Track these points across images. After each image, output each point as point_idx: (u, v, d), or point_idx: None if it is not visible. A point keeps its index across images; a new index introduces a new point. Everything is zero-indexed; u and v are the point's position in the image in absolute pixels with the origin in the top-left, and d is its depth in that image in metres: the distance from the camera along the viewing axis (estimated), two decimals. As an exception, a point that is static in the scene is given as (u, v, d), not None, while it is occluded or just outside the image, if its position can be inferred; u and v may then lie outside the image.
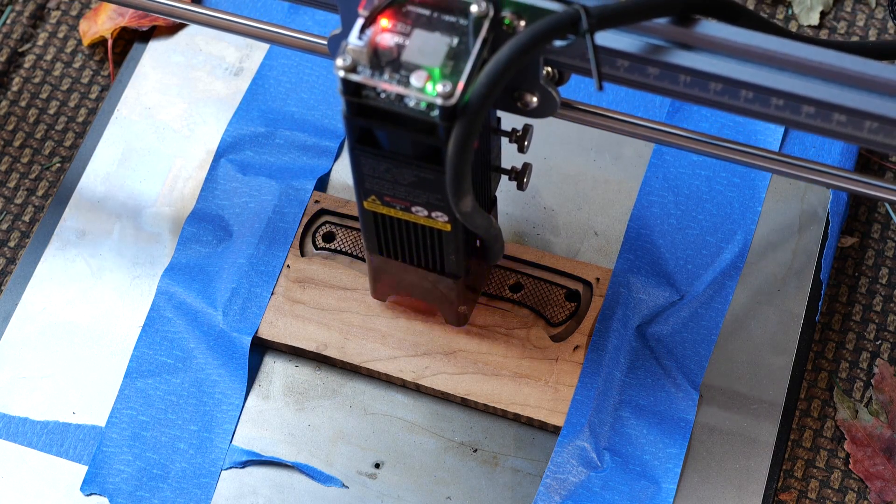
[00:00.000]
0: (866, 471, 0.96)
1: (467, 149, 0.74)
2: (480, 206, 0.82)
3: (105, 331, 0.99)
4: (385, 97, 0.75)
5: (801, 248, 1.00)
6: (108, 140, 1.05)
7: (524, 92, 0.81)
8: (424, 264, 0.90)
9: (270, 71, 1.07)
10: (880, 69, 0.73)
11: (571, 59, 0.78)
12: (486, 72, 0.72)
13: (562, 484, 0.92)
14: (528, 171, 0.89)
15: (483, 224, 0.82)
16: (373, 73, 0.75)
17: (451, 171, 0.75)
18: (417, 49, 0.75)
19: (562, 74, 0.82)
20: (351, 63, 0.74)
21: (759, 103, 0.76)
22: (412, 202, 0.83)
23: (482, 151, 0.84)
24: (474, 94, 0.73)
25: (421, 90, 0.74)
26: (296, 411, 0.96)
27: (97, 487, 0.93)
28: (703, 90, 0.76)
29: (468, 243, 0.89)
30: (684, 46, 0.76)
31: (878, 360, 1.00)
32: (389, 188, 0.82)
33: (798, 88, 0.74)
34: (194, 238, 1.01)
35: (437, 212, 0.83)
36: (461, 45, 0.75)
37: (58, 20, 1.14)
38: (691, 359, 0.97)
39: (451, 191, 0.76)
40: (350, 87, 0.75)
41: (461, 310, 0.94)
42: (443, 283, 0.91)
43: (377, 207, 0.85)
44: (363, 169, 0.81)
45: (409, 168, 0.80)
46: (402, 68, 0.75)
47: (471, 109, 0.73)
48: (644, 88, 0.78)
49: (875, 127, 0.74)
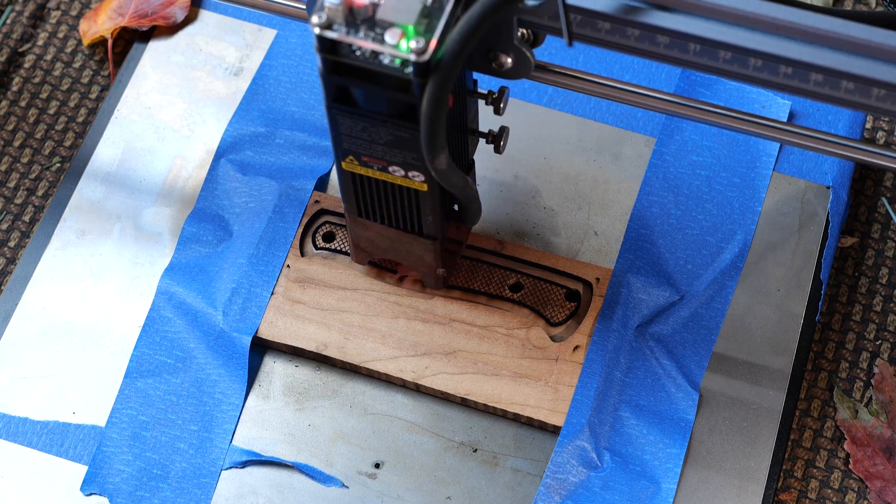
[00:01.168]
0: (866, 471, 0.96)
1: (441, 105, 0.75)
2: (459, 169, 0.83)
3: (105, 331, 0.99)
4: (360, 54, 0.76)
5: (801, 248, 1.00)
6: (108, 140, 1.05)
7: (499, 53, 0.82)
8: (402, 225, 0.90)
9: (270, 71, 1.07)
10: (888, 37, 0.73)
11: (546, 19, 0.79)
12: (458, 28, 0.74)
13: (562, 484, 0.92)
14: (504, 134, 0.90)
15: (459, 183, 0.83)
16: (348, 30, 0.76)
17: (425, 128, 0.76)
18: (392, 7, 0.76)
19: (536, 36, 0.83)
20: (326, 20, 0.76)
21: (768, 71, 0.76)
22: (389, 162, 0.84)
23: (458, 112, 0.85)
24: (447, 50, 0.74)
25: (395, 47, 0.75)
26: (296, 411, 0.96)
27: (97, 487, 0.93)
28: (712, 58, 0.77)
29: (445, 204, 0.89)
30: (691, 14, 0.76)
31: (878, 360, 1.00)
32: (366, 147, 0.83)
33: (806, 56, 0.75)
34: (194, 238, 1.01)
35: (414, 171, 0.84)
36: (435, 4, 0.76)
37: (58, 20, 1.14)
38: (691, 359, 0.96)
39: (426, 147, 0.77)
40: (326, 44, 0.77)
41: (440, 272, 0.95)
42: (421, 244, 0.91)
43: (355, 168, 0.86)
44: (340, 128, 0.83)
45: (385, 126, 0.81)
46: (377, 26, 0.76)
47: (444, 65, 0.74)
48: (654, 58, 0.78)
49: (883, 94, 0.75)
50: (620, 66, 1.06)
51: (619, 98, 0.85)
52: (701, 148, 1.03)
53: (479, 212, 0.91)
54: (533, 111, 1.05)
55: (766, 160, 1.02)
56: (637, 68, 1.06)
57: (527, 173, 1.03)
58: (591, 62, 1.06)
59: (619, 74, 1.06)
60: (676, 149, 1.03)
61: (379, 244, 0.94)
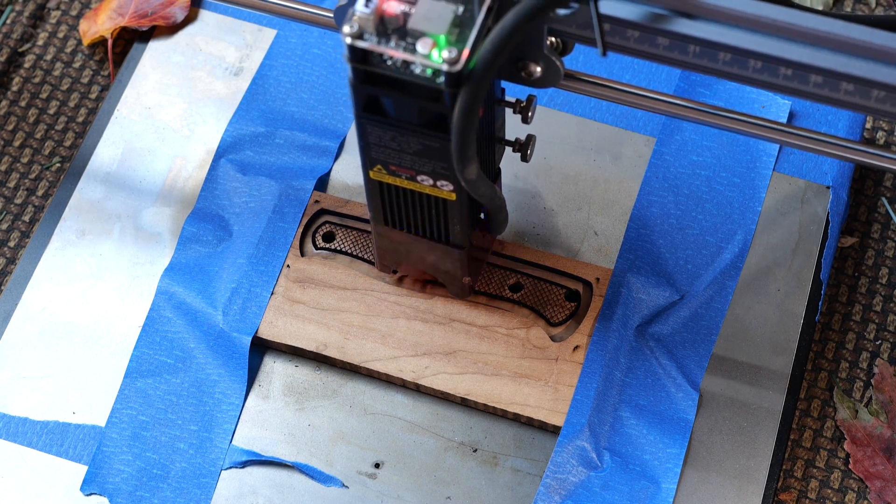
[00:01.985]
0: (866, 471, 0.96)
1: (472, 115, 0.75)
2: (487, 178, 0.83)
3: (105, 331, 0.99)
4: (391, 64, 0.76)
5: (801, 248, 1.00)
6: (108, 140, 1.05)
7: (528, 62, 0.82)
8: (429, 234, 0.90)
9: (270, 71, 1.07)
10: (888, 38, 0.74)
11: (575, 28, 0.79)
12: (490, 38, 0.74)
13: (562, 484, 0.92)
14: (531, 143, 0.90)
15: (488, 193, 0.83)
16: (379, 40, 0.76)
17: (456, 138, 0.76)
18: (423, 16, 0.76)
19: (566, 44, 0.83)
20: (357, 30, 0.75)
21: (768, 73, 0.76)
22: (417, 171, 0.83)
23: (487, 122, 0.85)
24: (479, 60, 0.74)
25: (426, 57, 0.75)
26: (296, 411, 0.96)
27: (97, 487, 0.93)
28: (712, 60, 0.77)
29: (473, 213, 0.89)
30: (691, 16, 0.76)
31: (878, 360, 1.00)
32: (395, 157, 0.83)
33: (806, 58, 0.75)
34: (194, 238, 1.01)
35: (443, 180, 0.84)
36: (466, 13, 0.76)
37: (58, 20, 1.14)
38: (691, 359, 0.96)
39: (457, 157, 0.77)
40: (357, 54, 0.76)
41: (465, 281, 0.94)
42: (448, 253, 0.91)
43: (383, 177, 0.85)
44: (369, 138, 0.82)
45: (415, 136, 0.81)
46: (407, 35, 0.76)
47: (476, 76, 0.74)
48: (653, 59, 0.78)
49: (882, 96, 0.75)
50: (620, 67, 1.06)
51: (652, 108, 0.84)
52: (701, 148, 1.03)
53: (505, 220, 0.91)
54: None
55: (766, 160, 1.02)
56: (637, 67, 1.06)
57: (527, 173, 1.03)
58: (590, 63, 1.06)
59: (618, 74, 1.06)
60: (676, 149, 1.03)
61: (404, 253, 0.93)
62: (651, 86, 1.05)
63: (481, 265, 0.97)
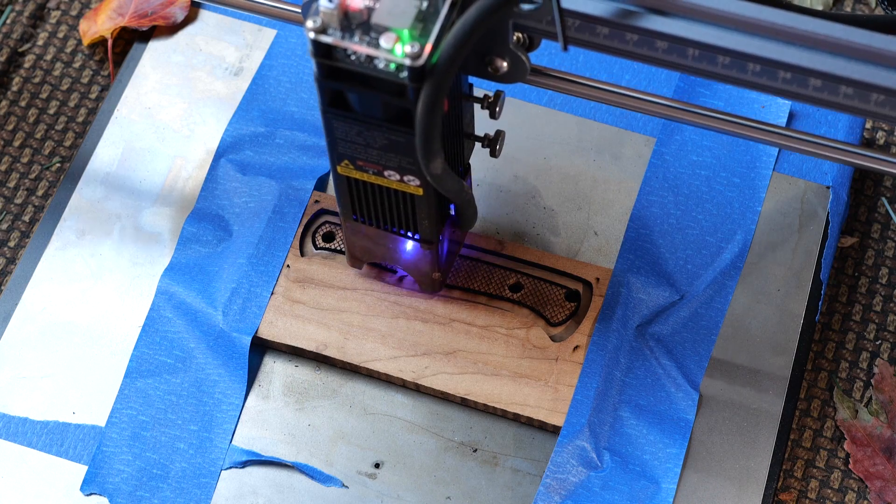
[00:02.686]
0: (866, 471, 0.96)
1: (436, 109, 0.75)
2: (454, 173, 0.83)
3: (105, 331, 0.99)
4: (355, 59, 0.76)
5: (801, 248, 1.00)
6: (108, 140, 1.05)
7: (495, 57, 0.82)
8: (398, 229, 0.90)
9: (270, 71, 1.07)
10: (887, 42, 0.73)
11: (540, 23, 0.79)
12: (453, 33, 0.74)
13: (562, 484, 0.92)
14: (500, 139, 0.90)
15: (454, 188, 0.83)
16: (343, 34, 0.76)
17: (420, 132, 0.76)
18: (387, 11, 0.76)
19: (532, 40, 0.83)
20: (321, 25, 0.76)
21: (767, 77, 0.76)
22: (384, 166, 0.84)
23: (453, 117, 0.85)
24: (442, 54, 0.74)
25: (390, 51, 0.75)
26: (296, 411, 0.96)
27: (97, 487, 0.93)
28: (711, 64, 0.77)
29: (441, 208, 0.89)
30: (689, 19, 0.76)
31: (878, 360, 1.00)
32: (362, 152, 0.83)
33: (805, 61, 0.75)
34: (194, 238, 1.01)
35: (409, 175, 0.84)
36: (430, 8, 0.76)
37: (58, 20, 1.14)
38: (691, 359, 0.96)
39: (421, 152, 0.77)
40: (321, 48, 0.76)
41: (435, 276, 0.95)
42: (416, 248, 0.91)
43: (350, 172, 0.86)
44: (335, 133, 0.83)
45: (381, 131, 0.81)
46: (371, 30, 0.76)
47: (439, 70, 0.74)
48: (651, 62, 0.78)
49: (882, 100, 0.75)
50: (620, 67, 1.06)
51: (615, 102, 0.85)
52: (701, 148, 1.03)
53: (474, 216, 0.91)
54: (532, 111, 1.05)
55: (765, 160, 1.02)
56: (637, 68, 1.06)
57: (526, 173, 1.03)
58: (590, 63, 1.06)
59: (618, 74, 1.06)
60: (676, 149, 1.03)
61: (374, 248, 0.94)
62: (651, 86, 1.05)
63: (453, 259, 0.97)
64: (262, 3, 0.90)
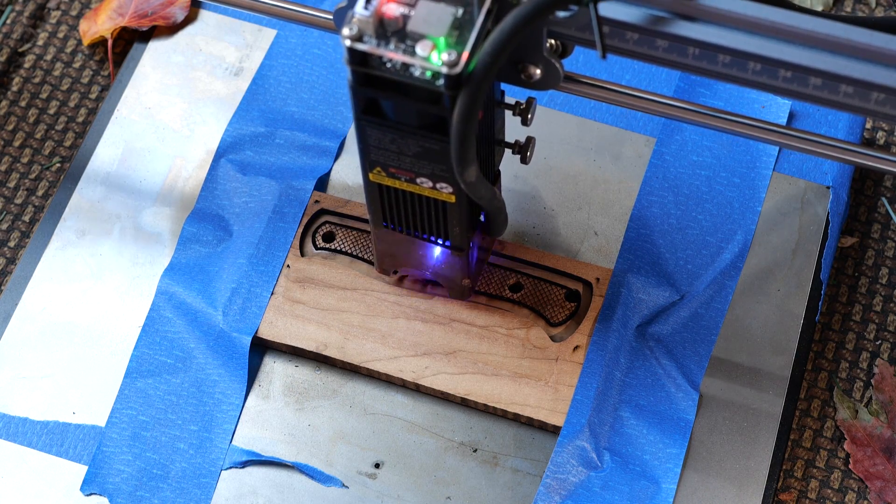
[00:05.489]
0: (866, 471, 0.96)
1: (472, 117, 0.75)
2: (487, 181, 0.83)
3: (105, 331, 0.99)
4: (391, 66, 0.76)
5: (801, 248, 1.00)
6: (108, 140, 1.05)
7: (528, 64, 0.82)
8: (428, 236, 0.90)
9: (270, 71, 1.07)
10: (887, 41, 0.73)
11: (575, 30, 0.79)
12: (490, 41, 0.73)
13: (562, 484, 0.92)
14: (531, 145, 0.90)
15: (487, 195, 0.83)
16: (378, 42, 0.76)
17: (455, 140, 0.76)
18: (422, 19, 0.76)
19: (565, 47, 0.83)
20: (357, 33, 0.75)
21: (767, 75, 0.76)
22: (417, 173, 0.83)
23: (486, 124, 0.85)
24: (479, 62, 0.74)
25: (426, 59, 0.75)
26: (296, 411, 0.96)
27: (97, 487, 0.93)
28: (711, 63, 0.77)
29: (472, 216, 0.89)
30: (691, 18, 0.76)
31: (878, 360, 1.00)
32: (394, 159, 0.83)
33: (805, 60, 0.75)
34: (194, 238, 1.01)
35: (442, 183, 0.84)
36: (466, 15, 0.76)
37: (58, 20, 1.14)
38: (691, 359, 0.97)
39: (456, 160, 0.77)
40: (356, 56, 0.76)
41: (464, 283, 0.95)
42: (447, 255, 0.91)
43: (382, 179, 0.85)
44: (368, 140, 0.82)
45: (414, 138, 0.81)
46: (407, 38, 0.76)
47: (475, 78, 0.74)
48: (653, 61, 0.78)
49: (882, 98, 0.75)
50: (621, 67, 1.06)
51: (616, 101, 0.85)
52: (701, 148, 1.03)
53: (505, 223, 0.91)
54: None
55: (766, 160, 1.02)
56: (637, 68, 1.06)
57: (527, 173, 1.03)
58: (590, 63, 1.06)
59: (618, 74, 1.06)
60: (676, 149, 1.03)
61: (403, 255, 0.93)
62: (651, 86, 1.05)
63: (481, 267, 0.97)
64: (263, 3, 0.90)
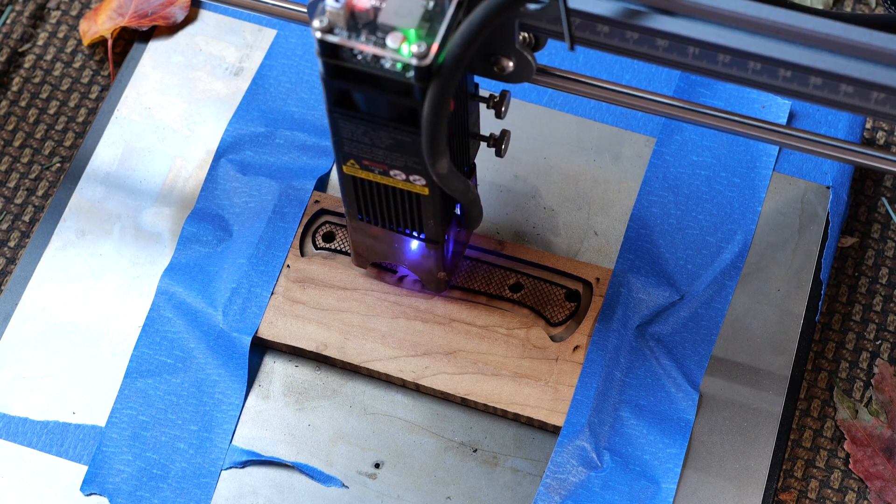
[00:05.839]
0: (866, 471, 0.96)
1: (442, 109, 0.75)
2: (460, 173, 0.83)
3: (105, 331, 0.99)
4: (362, 58, 0.76)
5: (801, 248, 1.00)
6: (108, 140, 1.05)
7: (500, 57, 0.82)
8: (403, 229, 0.90)
9: (270, 71, 1.07)
10: (887, 40, 0.73)
11: (546, 23, 0.79)
12: (460, 32, 0.74)
13: (562, 484, 0.92)
14: (506, 138, 0.90)
15: (460, 187, 0.83)
16: (349, 34, 0.76)
17: (426, 132, 0.76)
18: (393, 11, 0.76)
19: (538, 40, 0.83)
20: (328, 24, 0.76)
21: (767, 75, 0.76)
22: (390, 165, 0.84)
23: (460, 117, 0.85)
24: (449, 54, 0.74)
25: (396, 51, 0.75)
26: (296, 411, 0.96)
27: (97, 487, 0.93)
28: (711, 62, 0.77)
29: (446, 208, 0.89)
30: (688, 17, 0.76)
31: (878, 360, 1.00)
32: (367, 151, 0.83)
33: (805, 59, 0.75)
34: (194, 238, 1.01)
35: (415, 175, 0.84)
36: (437, 7, 0.76)
37: (58, 20, 1.14)
38: (691, 359, 0.97)
39: (427, 152, 0.77)
40: (327, 48, 0.77)
41: (440, 276, 0.95)
42: (422, 248, 0.92)
43: (356, 171, 0.86)
44: (341, 132, 0.83)
45: (386, 130, 0.81)
46: (378, 30, 0.76)
47: (445, 70, 0.74)
48: (651, 60, 0.78)
49: (882, 98, 0.75)
50: (620, 66, 1.06)
51: (618, 101, 0.85)
52: (701, 148, 1.03)
53: (480, 216, 0.91)
54: (533, 111, 1.05)
55: (766, 160, 1.02)
56: (637, 67, 1.06)
57: (527, 173, 1.03)
58: (590, 62, 1.06)
59: (618, 74, 1.06)
60: (676, 149, 1.03)
61: (379, 248, 0.94)
62: (651, 86, 1.05)
63: (457, 259, 0.97)
64: (263, 3, 0.90)
